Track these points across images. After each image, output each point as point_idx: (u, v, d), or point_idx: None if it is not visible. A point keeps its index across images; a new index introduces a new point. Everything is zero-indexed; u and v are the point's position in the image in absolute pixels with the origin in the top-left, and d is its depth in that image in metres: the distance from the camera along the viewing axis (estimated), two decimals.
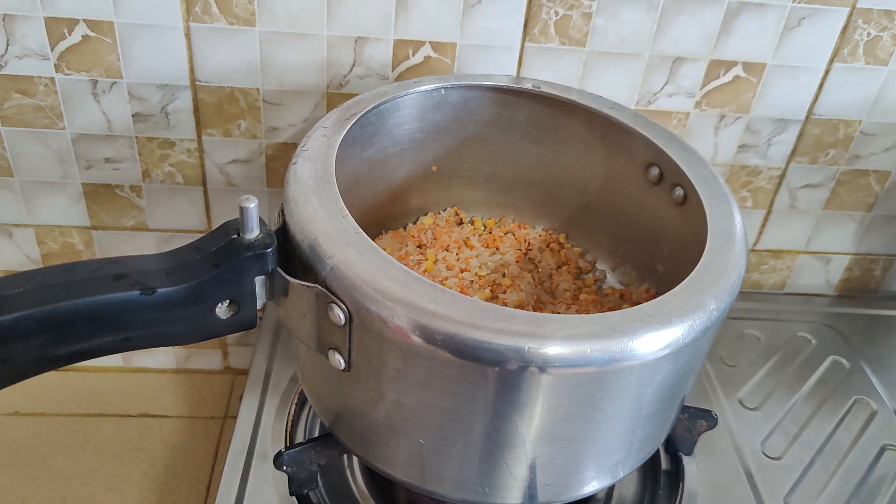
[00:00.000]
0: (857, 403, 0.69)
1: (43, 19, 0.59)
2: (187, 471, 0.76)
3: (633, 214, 0.58)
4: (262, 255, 0.40)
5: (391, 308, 0.38)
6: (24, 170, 0.68)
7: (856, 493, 0.61)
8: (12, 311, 0.35)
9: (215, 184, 0.70)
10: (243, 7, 0.60)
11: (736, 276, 0.43)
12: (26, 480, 0.73)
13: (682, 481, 0.59)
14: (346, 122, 0.50)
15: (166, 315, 0.40)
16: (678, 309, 0.40)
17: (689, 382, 0.47)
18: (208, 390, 0.84)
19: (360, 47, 0.63)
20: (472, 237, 0.63)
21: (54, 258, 0.75)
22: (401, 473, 0.47)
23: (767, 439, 0.64)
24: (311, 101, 0.65)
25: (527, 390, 0.39)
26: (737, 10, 0.63)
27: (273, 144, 0.68)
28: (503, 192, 0.64)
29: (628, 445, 0.46)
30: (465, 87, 0.57)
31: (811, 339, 0.76)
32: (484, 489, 0.45)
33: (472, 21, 0.62)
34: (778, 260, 0.81)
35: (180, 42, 0.61)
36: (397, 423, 0.43)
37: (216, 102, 0.65)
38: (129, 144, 0.67)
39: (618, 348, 0.38)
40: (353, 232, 0.41)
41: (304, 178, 0.45)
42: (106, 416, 0.80)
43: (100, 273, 0.38)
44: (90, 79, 0.63)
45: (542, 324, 0.37)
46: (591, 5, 0.62)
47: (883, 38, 0.65)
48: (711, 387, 0.69)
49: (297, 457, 0.52)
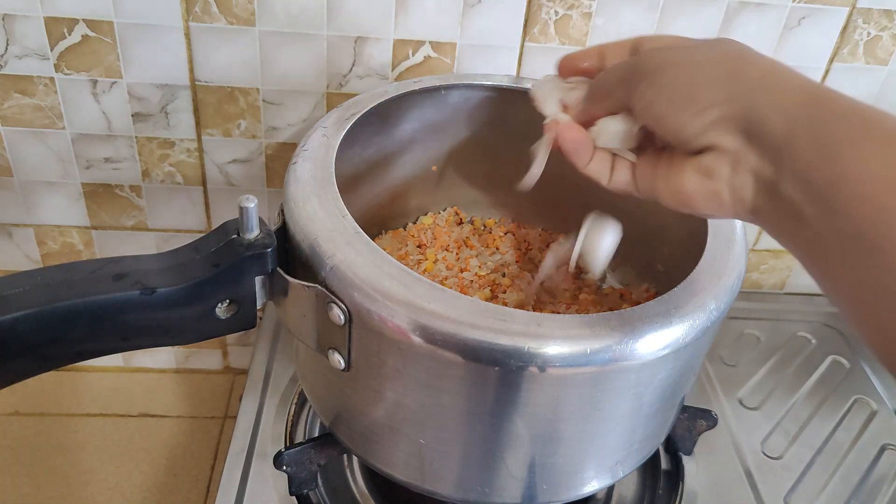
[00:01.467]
0: (857, 403, 0.69)
1: (43, 19, 0.59)
2: (187, 471, 0.76)
3: (632, 214, 0.58)
4: (262, 255, 0.40)
5: (391, 308, 0.38)
6: (24, 170, 0.68)
7: (856, 493, 0.61)
8: (12, 311, 0.35)
9: (215, 184, 0.70)
10: (243, 7, 0.60)
11: (736, 276, 0.43)
12: (26, 480, 0.73)
13: (681, 481, 0.59)
14: (346, 122, 0.50)
15: (166, 315, 0.40)
16: (678, 309, 0.40)
17: (689, 382, 0.47)
18: (208, 390, 0.84)
19: (359, 47, 0.63)
20: (472, 237, 0.63)
21: (54, 258, 0.75)
22: (401, 473, 0.47)
23: (767, 439, 0.64)
24: (311, 101, 0.65)
25: (527, 390, 0.39)
26: (737, 10, 0.63)
27: (273, 144, 0.68)
28: (503, 192, 0.64)
29: (628, 445, 0.46)
30: (465, 87, 0.57)
31: (811, 339, 0.76)
32: (484, 489, 0.45)
33: (472, 21, 0.62)
34: (778, 260, 0.81)
35: (180, 42, 0.61)
36: (397, 423, 0.43)
37: (216, 102, 0.65)
38: (128, 144, 0.67)
39: (618, 348, 0.38)
40: (353, 232, 0.41)
41: (304, 178, 0.45)
42: (106, 416, 0.80)
43: (100, 273, 0.38)
44: (90, 79, 0.63)
45: (541, 324, 0.37)
46: (591, 5, 0.62)
47: (883, 38, 0.65)
48: (711, 387, 0.69)
49: (297, 457, 0.52)
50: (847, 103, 0.28)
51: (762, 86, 0.30)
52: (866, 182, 0.26)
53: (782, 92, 0.29)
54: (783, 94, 0.29)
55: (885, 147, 0.26)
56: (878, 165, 0.26)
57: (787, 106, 0.29)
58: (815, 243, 0.28)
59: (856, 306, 0.28)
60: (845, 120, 0.28)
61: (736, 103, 0.30)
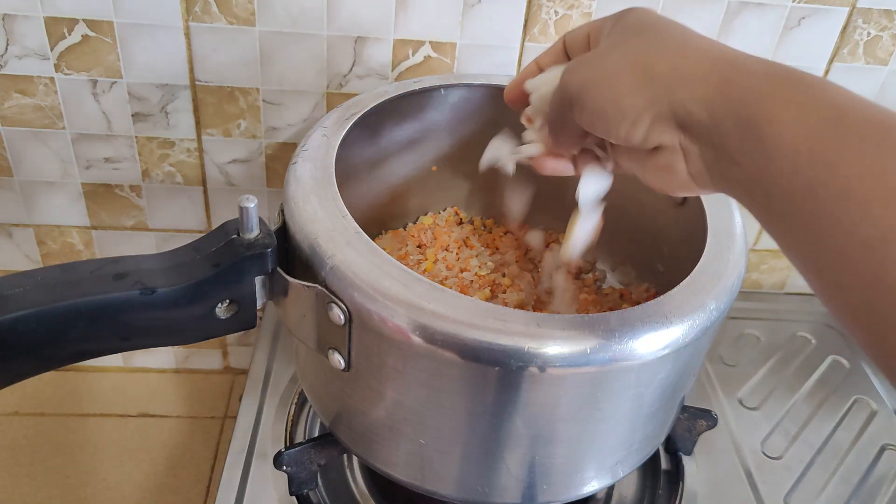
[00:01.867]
0: (857, 403, 0.69)
1: (43, 19, 0.59)
2: (187, 471, 0.76)
3: (633, 214, 0.58)
4: (262, 254, 0.40)
5: (391, 308, 0.38)
6: (24, 170, 0.68)
7: (856, 493, 0.61)
8: (12, 311, 0.35)
9: (215, 183, 0.70)
10: (243, 7, 0.60)
11: (736, 276, 0.43)
12: (26, 480, 0.73)
13: (681, 481, 0.59)
14: (346, 122, 0.50)
15: (166, 315, 0.40)
16: (678, 309, 0.40)
17: (689, 382, 0.47)
18: (208, 390, 0.84)
19: (359, 47, 0.63)
20: (472, 237, 0.63)
21: (54, 258, 0.75)
22: (401, 473, 0.47)
23: (767, 439, 0.64)
24: (311, 101, 0.65)
25: (527, 390, 0.39)
26: (737, 9, 0.63)
27: (273, 144, 0.68)
28: (503, 191, 0.64)
29: (628, 445, 0.46)
30: (465, 86, 0.57)
31: (811, 339, 0.76)
32: (484, 489, 0.45)
33: (472, 21, 0.62)
34: (778, 260, 0.81)
35: (180, 42, 0.61)
36: (397, 423, 0.43)
37: (216, 102, 0.65)
38: (128, 144, 0.67)
39: (618, 348, 0.38)
40: (353, 232, 0.41)
41: (304, 178, 0.45)
42: (106, 416, 0.80)
43: (100, 273, 0.38)
44: (90, 79, 0.63)
45: (541, 324, 0.37)
46: (590, 5, 0.62)
47: (883, 38, 0.65)
48: (711, 387, 0.69)
49: (297, 457, 0.52)
50: (756, 69, 0.29)
51: (675, 80, 0.31)
52: (791, 158, 0.27)
53: (694, 82, 0.30)
54: (696, 85, 0.30)
55: (800, 109, 0.27)
56: (801, 137, 0.27)
57: (703, 96, 0.30)
58: (775, 218, 0.29)
59: (813, 275, 0.28)
60: (756, 92, 0.28)
61: (659, 104, 0.31)
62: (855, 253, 0.25)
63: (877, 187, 0.25)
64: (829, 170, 0.26)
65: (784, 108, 0.27)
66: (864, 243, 0.25)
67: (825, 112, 0.27)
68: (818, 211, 0.26)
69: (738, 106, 0.29)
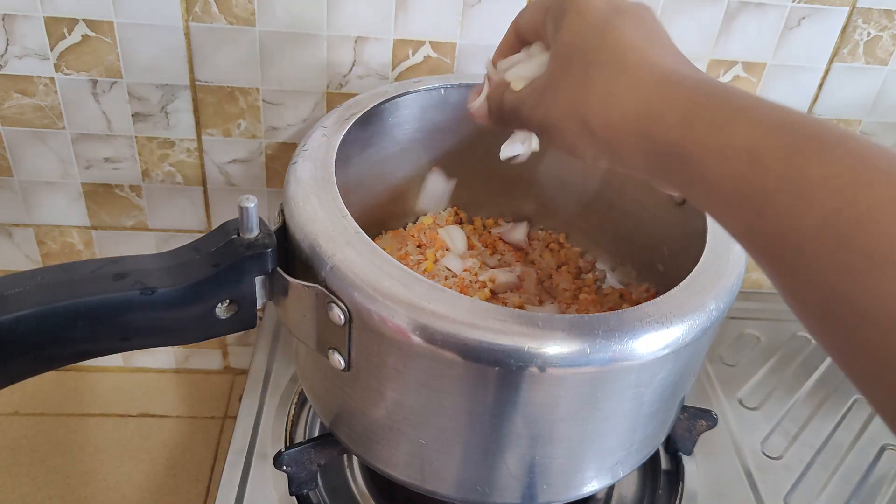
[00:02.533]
0: (857, 403, 0.69)
1: (43, 19, 0.59)
2: (187, 471, 0.76)
3: (633, 214, 0.58)
4: (262, 254, 0.40)
5: (391, 308, 0.38)
6: (24, 170, 0.68)
7: (856, 493, 0.61)
8: (12, 311, 0.35)
9: (215, 184, 0.70)
10: (243, 7, 0.60)
11: (736, 276, 0.43)
12: (26, 480, 0.73)
13: (681, 481, 0.59)
14: (346, 122, 0.50)
15: (166, 315, 0.40)
16: (678, 309, 0.40)
17: (689, 382, 0.47)
18: (208, 390, 0.84)
19: (359, 47, 0.63)
20: (473, 237, 0.63)
21: (54, 258, 0.75)
22: (401, 473, 0.47)
23: (767, 439, 0.64)
24: (311, 101, 0.65)
25: (527, 390, 0.39)
26: (737, 9, 0.63)
27: (273, 144, 0.68)
28: (503, 192, 0.64)
29: (628, 445, 0.46)
30: (465, 86, 0.57)
31: (811, 339, 0.75)
32: (484, 489, 0.45)
33: (472, 21, 0.62)
34: None
35: (180, 42, 0.61)
36: (397, 423, 0.43)
37: (216, 102, 0.65)
38: (128, 144, 0.67)
39: (618, 348, 0.38)
40: (353, 232, 0.41)
41: (304, 178, 0.45)
42: (106, 416, 0.80)
43: (100, 273, 0.38)
44: (90, 79, 0.63)
45: (542, 324, 0.37)
46: None
47: (883, 38, 0.65)
48: (711, 387, 0.69)
49: (297, 457, 0.52)
50: (679, 102, 0.30)
51: (610, 138, 0.33)
52: (719, 179, 0.29)
53: (626, 137, 0.32)
54: (628, 140, 0.32)
55: (719, 149, 0.28)
56: (726, 172, 0.28)
57: (635, 149, 0.32)
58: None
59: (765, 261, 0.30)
60: (677, 134, 0.30)
61: (606, 155, 0.33)
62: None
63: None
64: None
65: (703, 149, 0.29)
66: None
67: (742, 145, 0.28)
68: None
69: (664, 148, 0.30)
